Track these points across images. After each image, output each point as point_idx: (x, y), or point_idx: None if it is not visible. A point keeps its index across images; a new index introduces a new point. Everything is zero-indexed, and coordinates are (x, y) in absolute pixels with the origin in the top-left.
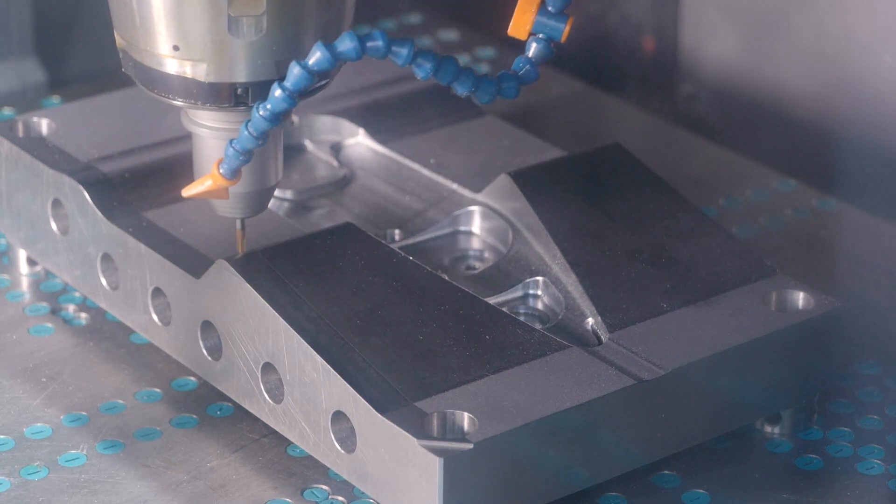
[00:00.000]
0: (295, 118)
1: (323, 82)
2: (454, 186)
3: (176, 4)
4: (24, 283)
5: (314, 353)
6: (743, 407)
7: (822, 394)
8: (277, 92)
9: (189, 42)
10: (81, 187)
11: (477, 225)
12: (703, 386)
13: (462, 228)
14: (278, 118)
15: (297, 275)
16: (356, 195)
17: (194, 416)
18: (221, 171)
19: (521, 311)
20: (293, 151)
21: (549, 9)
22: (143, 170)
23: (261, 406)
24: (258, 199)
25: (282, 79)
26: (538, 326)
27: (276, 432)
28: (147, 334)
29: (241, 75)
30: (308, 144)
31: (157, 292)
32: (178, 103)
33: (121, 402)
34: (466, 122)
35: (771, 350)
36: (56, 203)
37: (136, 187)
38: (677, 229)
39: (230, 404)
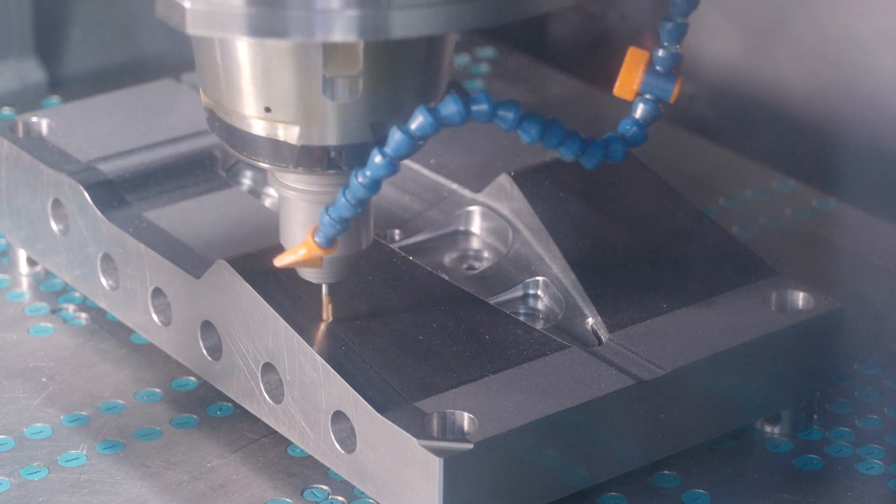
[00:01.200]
0: None
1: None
2: (454, 186)
3: (268, 65)
4: (24, 283)
5: (314, 353)
6: (743, 407)
7: (822, 394)
8: (377, 158)
9: (281, 103)
10: (81, 187)
11: (477, 225)
12: (703, 386)
13: (462, 228)
14: (378, 185)
15: (296, 275)
16: None
17: (194, 416)
18: (317, 239)
19: (521, 311)
20: None
21: (658, 68)
22: (143, 170)
23: (261, 406)
24: (348, 263)
25: (381, 143)
26: (538, 326)
27: (275, 432)
28: (147, 334)
29: (334, 138)
30: None
31: (157, 292)
32: (267, 166)
33: (121, 402)
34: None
35: (771, 350)
36: (56, 203)
37: (136, 187)
38: (677, 229)
39: (230, 404)
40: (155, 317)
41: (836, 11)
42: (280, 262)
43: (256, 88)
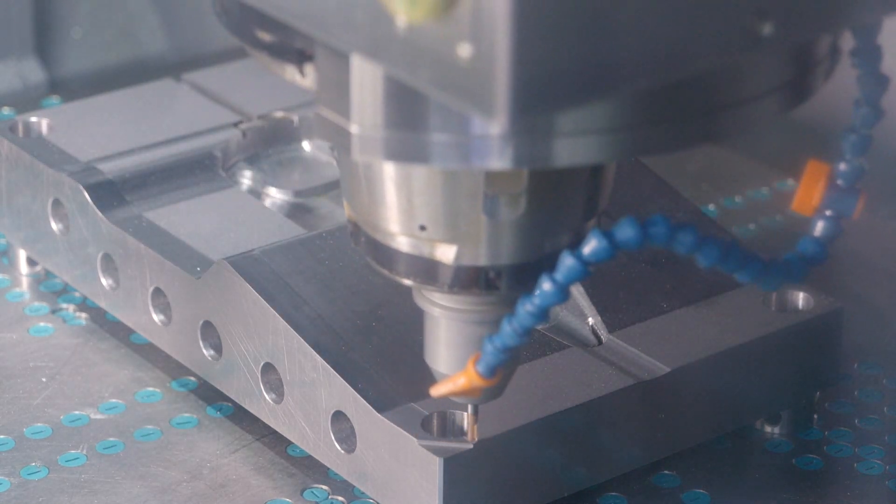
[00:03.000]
0: (295, 118)
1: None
2: None
3: (427, 182)
4: (24, 283)
5: (314, 353)
6: (743, 407)
7: (822, 394)
8: (546, 285)
9: (437, 222)
10: (81, 187)
11: None
12: (703, 386)
13: None
14: (547, 314)
15: (297, 275)
16: None
17: (194, 416)
18: (479, 369)
19: None
20: (293, 151)
21: (839, 183)
22: (144, 170)
23: (261, 406)
24: (500, 385)
25: (551, 269)
26: (538, 326)
27: (276, 432)
28: (147, 334)
29: (493, 258)
30: (308, 144)
31: (158, 292)
32: (414, 283)
33: (120, 401)
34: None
35: (771, 350)
36: (56, 203)
37: (136, 187)
38: None
39: (230, 404)
40: (155, 317)
41: None
42: (437, 391)
43: (413, 206)
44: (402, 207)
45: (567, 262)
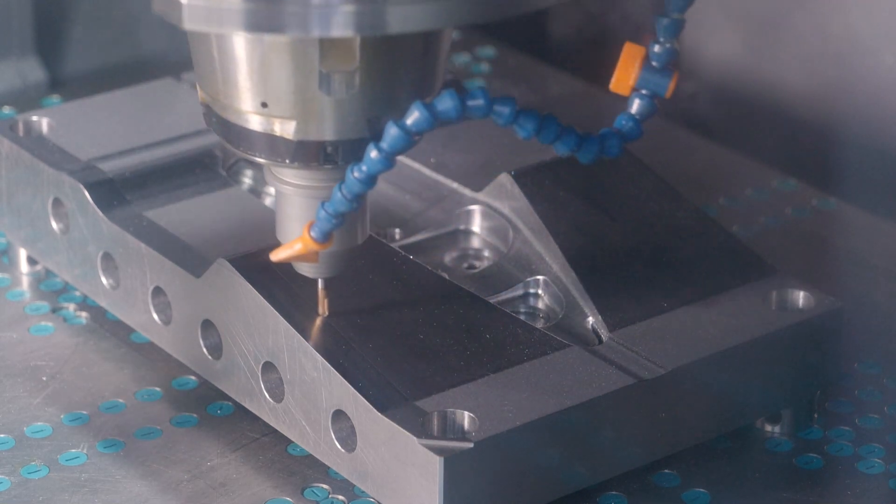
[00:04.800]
0: None
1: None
2: (454, 185)
3: (265, 61)
4: (25, 282)
5: (314, 352)
6: (743, 406)
7: (822, 393)
8: (373, 153)
9: (278, 99)
10: (82, 186)
11: (477, 224)
12: (704, 385)
13: (462, 227)
14: (373, 180)
15: (297, 274)
16: None
17: (194, 416)
18: (313, 234)
19: (522, 310)
20: None
21: (654, 64)
22: (144, 169)
23: (261, 405)
24: (344, 258)
25: (377, 138)
26: (538, 325)
27: (276, 431)
28: (147, 333)
29: (330, 133)
30: None
31: (158, 291)
32: (263, 161)
33: (121, 401)
34: (467, 121)
35: (771, 350)
36: (56, 202)
37: (136, 186)
38: (677, 229)
39: (230, 403)
40: (155, 316)
41: (836, 11)
42: (276, 256)
43: (253, 84)
44: (245, 86)
45: (392, 131)
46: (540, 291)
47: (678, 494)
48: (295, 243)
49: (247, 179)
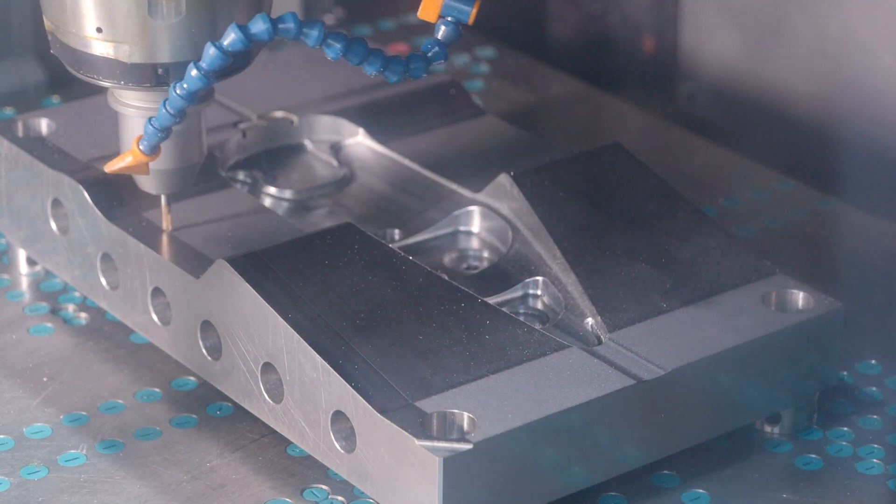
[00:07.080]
0: (294, 118)
1: (240, 63)
2: (454, 186)
3: None
4: (24, 283)
5: (314, 352)
6: (743, 407)
7: (822, 394)
8: (193, 72)
9: (112, 24)
10: (81, 187)
11: (477, 225)
12: (703, 386)
13: (462, 228)
14: (194, 96)
15: (297, 275)
16: (356, 195)
17: (194, 416)
18: (141, 147)
19: (521, 310)
20: (293, 151)
21: None
22: None
23: (260, 406)
24: (180, 176)
25: (198, 59)
26: (538, 326)
27: (275, 432)
28: (147, 334)
29: (161, 56)
30: (308, 144)
31: (157, 292)
32: (103, 84)
33: (120, 401)
34: (466, 121)
35: (771, 350)
36: (56, 203)
37: (135, 187)
38: (677, 229)
39: (230, 404)
40: (154, 316)
41: (836, 11)
42: (110, 168)
43: (90, 11)
44: (83, 13)
45: (210, 51)
46: (539, 292)
47: (678, 495)
48: (126, 156)
49: (246, 180)
